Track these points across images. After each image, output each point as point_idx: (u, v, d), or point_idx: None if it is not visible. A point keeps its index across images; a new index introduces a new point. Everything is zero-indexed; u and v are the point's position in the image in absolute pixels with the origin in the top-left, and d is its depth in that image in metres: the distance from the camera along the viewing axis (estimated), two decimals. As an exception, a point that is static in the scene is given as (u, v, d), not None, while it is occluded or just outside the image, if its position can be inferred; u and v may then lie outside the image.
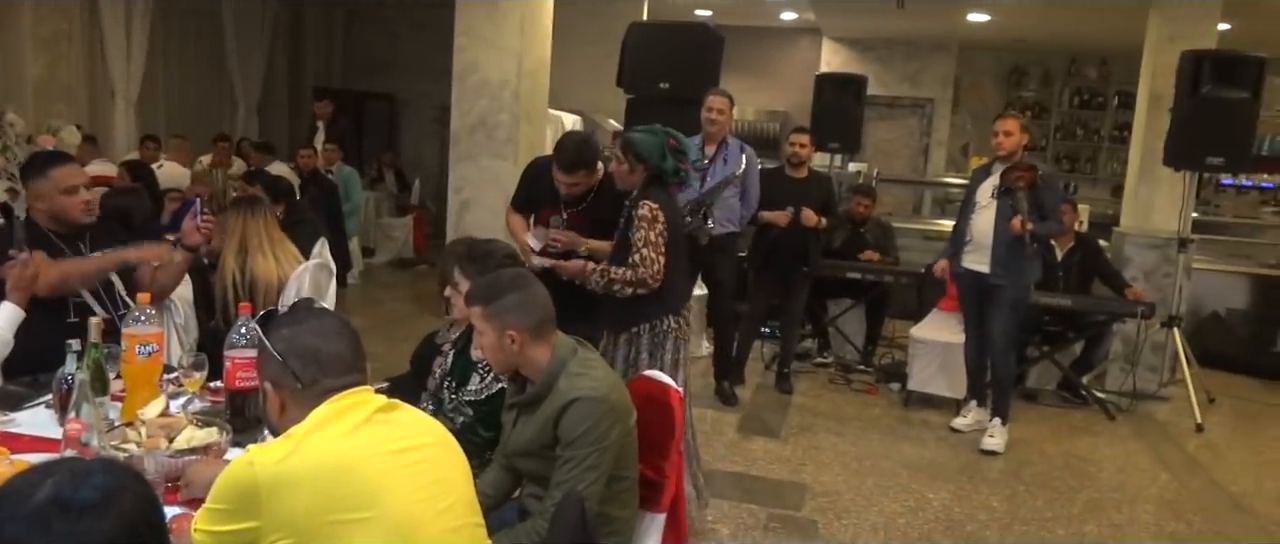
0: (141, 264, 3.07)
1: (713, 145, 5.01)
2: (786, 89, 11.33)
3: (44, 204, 2.92)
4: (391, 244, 9.67)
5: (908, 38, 10.75)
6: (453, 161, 6.42)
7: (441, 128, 10.23)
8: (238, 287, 3.69)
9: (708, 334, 6.22)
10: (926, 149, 11.22)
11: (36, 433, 2.26)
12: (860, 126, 7.18)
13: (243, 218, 3.79)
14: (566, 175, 3.60)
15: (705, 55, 5.66)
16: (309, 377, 1.67)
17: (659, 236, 3.32)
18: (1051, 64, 11.29)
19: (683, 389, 2.80)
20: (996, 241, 4.70)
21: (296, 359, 1.67)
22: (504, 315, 2.19)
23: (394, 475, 1.59)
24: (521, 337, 2.18)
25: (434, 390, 2.74)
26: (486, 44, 6.25)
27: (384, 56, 11.72)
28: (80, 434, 1.91)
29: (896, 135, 11.31)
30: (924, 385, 5.55)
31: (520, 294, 2.22)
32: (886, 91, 10.86)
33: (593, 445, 2.11)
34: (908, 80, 11.08)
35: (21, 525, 0.95)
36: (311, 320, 1.73)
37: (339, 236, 6.68)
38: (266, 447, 1.58)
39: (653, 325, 3.41)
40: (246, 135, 9.95)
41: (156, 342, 2.38)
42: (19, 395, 2.48)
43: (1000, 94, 11.37)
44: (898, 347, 6.49)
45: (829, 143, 7.22)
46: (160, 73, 9.28)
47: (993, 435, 4.88)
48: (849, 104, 7.04)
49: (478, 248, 2.75)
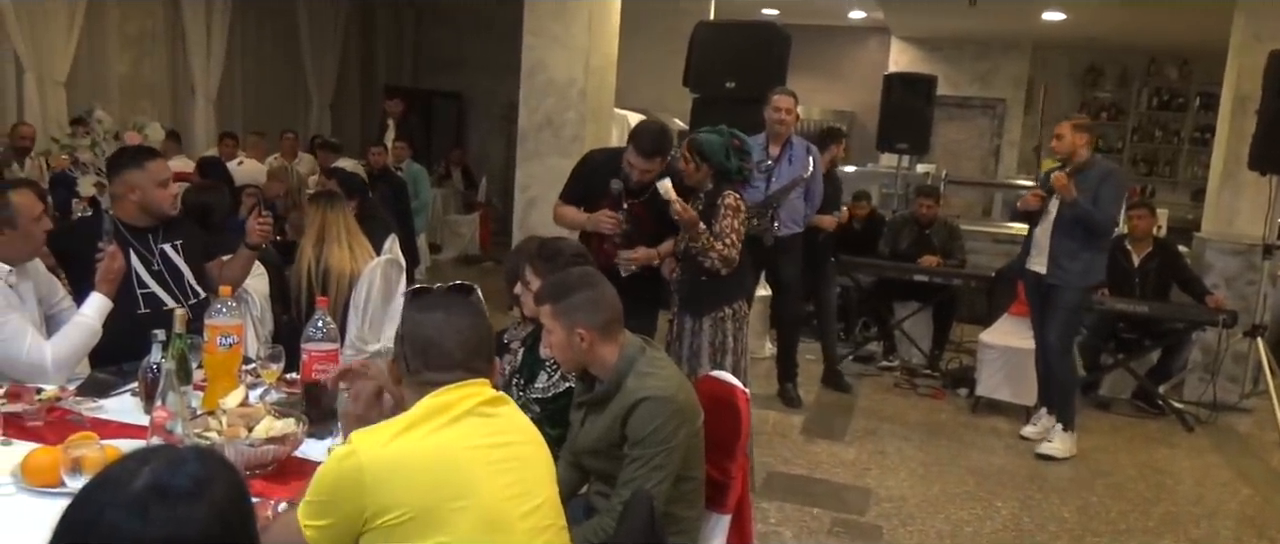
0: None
1: (778, 145, 4.98)
2: (854, 89, 11.21)
3: (136, 196, 2.99)
4: (458, 241, 9.80)
5: (979, 37, 10.56)
6: (519, 159, 6.48)
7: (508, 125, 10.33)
8: (313, 276, 3.78)
9: (771, 335, 6.19)
10: (997, 150, 11.00)
11: (124, 419, 2.34)
12: (929, 127, 7.08)
13: (323, 210, 3.90)
14: (645, 160, 3.59)
15: (772, 54, 5.63)
16: (415, 366, 1.72)
17: (742, 225, 3.57)
18: (1129, 63, 10.98)
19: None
20: (1053, 240, 4.64)
21: (410, 346, 1.72)
22: (573, 314, 2.20)
23: (486, 469, 1.62)
24: (590, 335, 2.19)
25: (502, 388, 2.77)
26: (554, 42, 6.30)
27: (452, 55, 11.87)
28: (166, 422, 1.98)
29: (966, 136, 11.11)
30: (992, 391, 5.45)
31: (589, 292, 2.23)
32: (956, 91, 10.68)
33: (660, 445, 2.11)
34: (979, 80, 10.88)
35: (121, 512, 0.98)
36: (437, 312, 1.74)
37: (407, 233, 6.79)
38: (368, 432, 1.61)
39: (735, 310, 3.64)
40: (319, 132, 10.17)
41: (237, 333, 2.44)
42: (107, 383, 2.57)
43: (1075, 94, 11.11)
44: (966, 351, 6.38)
45: (897, 144, 7.14)
46: (238, 71, 9.55)
47: (1051, 440, 4.79)
48: (918, 104, 6.94)
49: (548, 246, 2.77)
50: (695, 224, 3.52)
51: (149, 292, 3.00)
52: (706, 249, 3.53)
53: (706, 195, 3.64)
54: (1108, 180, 4.57)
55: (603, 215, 3.67)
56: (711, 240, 3.53)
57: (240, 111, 9.65)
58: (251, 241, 3.22)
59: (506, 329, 3.04)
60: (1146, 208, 5.81)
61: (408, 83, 11.83)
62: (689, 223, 3.52)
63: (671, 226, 3.65)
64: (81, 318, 2.67)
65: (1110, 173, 4.62)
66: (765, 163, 4.84)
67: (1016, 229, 7.80)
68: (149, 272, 3.02)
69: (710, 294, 3.63)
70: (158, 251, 3.05)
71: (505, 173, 10.72)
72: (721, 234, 3.53)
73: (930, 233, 6.30)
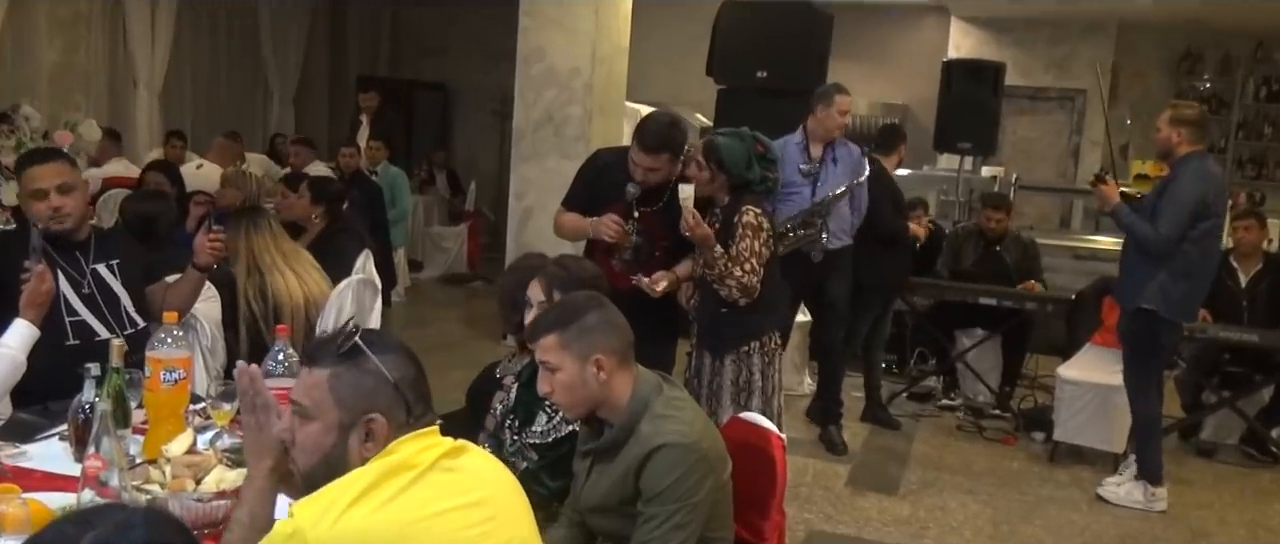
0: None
1: (820, 145, 4.97)
2: (906, 78, 11.20)
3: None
4: (442, 257, 9.84)
5: (1055, 17, 10.55)
6: (515, 162, 6.52)
7: (502, 122, 10.38)
8: (259, 316, 3.77)
9: (811, 369, 6.17)
10: (1077, 150, 10.97)
11: (50, 469, 2.33)
12: (996, 123, 7.08)
13: (245, 233, 3.87)
14: (649, 156, 3.56)
15: (811, 39, 5.66)
16: (420, 409, 1.71)
17: (763, 247, 3.49)
18: (1232, 48, 10.93)
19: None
20: (1122, 254, 4.67)
21: (411, 388, 1.71)
22: (588, 337, 2.16)
23: (464, 534, 1.60)
24: (609, 363, 2.16)
25: (493, 430, 2.77)
26: (556, 26, 6.34)
27: (437, 40, 11.95)
28: (100, 472, 1.97)
29: (1040, 134, 11.09)
30: (1074, 435, 5.41)
31: (602, 313, 2.21)
32: (1028, 81, 10.66)
33: (680, 501, 2.10)
34: (1054, 68, 10.85)
35: None
36: (390, 340, 1.77)
37: (383, 248, 6.82)
38: (311, 504, 1.56)
39: (763, 343, 3.59)
40: (280, 130, 10.23)
41: (184, 367, 2.44)
42: (31, 425, 2.57)
43: (1169, 84, 11.06)
44: (1041, 388, 6.34)
45: (959, 143, 7.13)
46: (187, 59, 9.63)
47: (1120, 485, 4.82)
48: (983, 96, 6.94)
49: (564, 261, 2.79)
50: (709, 241, 3.46)
51: (79, 319, 3.00)
52: (723, 275, 3.47)
53: (722, 210, 3.59)
54: (1176, 182, 4.50)
55: (607, 219, 3.63)
56: (729, 264, 3.47)
57: (189, 107, 9.72)
58: (201, 262, 3.20)
59: (499, 362, 3.04)
60: (1254, 218, 5.77)
61: (384, 72, 11.91)
62: (701, 239, 3.46)
63: (689, 245, 3.63)
64: (2, 349, 2.67)
65: (1181, 174, 4.50)
66: (809, 165, 4.84)
67: (1101, 242, 7.78)
68: (79, 296, 3.02)
69: (732, 327, 3.58)
70: (89, 273, 3.06)
71: (498, 177, 10.75)
72: (740, 257, 3.47)
73: (1001, 249, 6.26)
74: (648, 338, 2.46)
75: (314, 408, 1.69)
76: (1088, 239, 8.13)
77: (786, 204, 4.79)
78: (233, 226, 3.90)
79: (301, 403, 1.71)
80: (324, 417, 1.69)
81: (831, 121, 4.93)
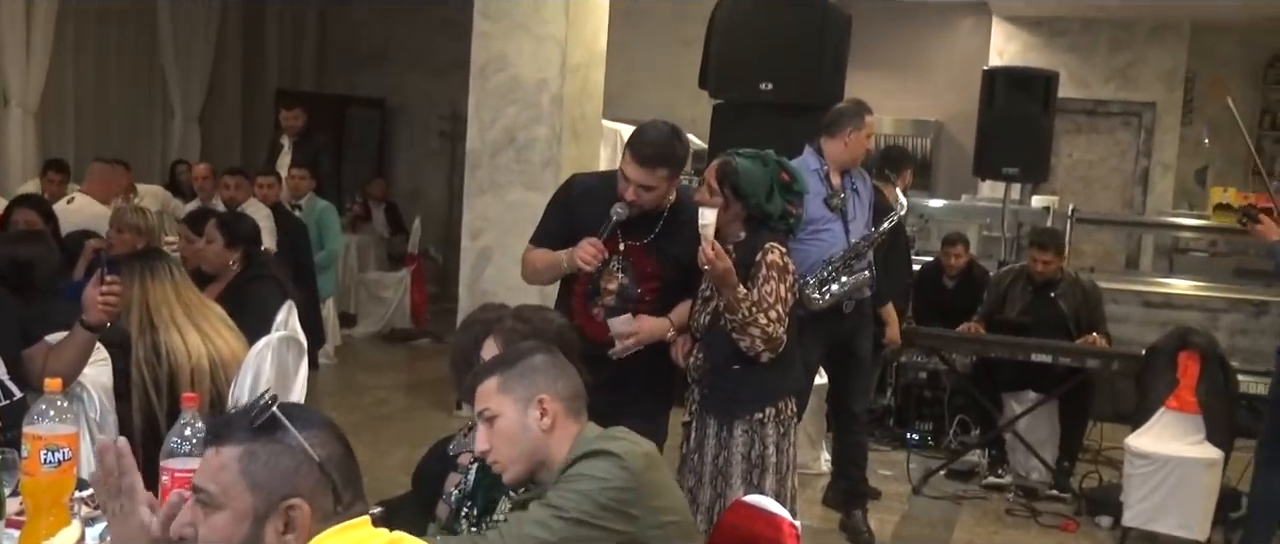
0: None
1: (839, 173, 4.99)
2: (940, 90, 11.28)
3: None
4: (380, 309, 9.81)
5: (1116, 17, 10.66)
6: (468, 193, 6.53)
7: (452, 145, 10.42)
8: (153, 381, 3.76)
9: (827, 440, 6.16)
10: (1145, 174, 11.05)
11: (-94, 572, 2.34)
12: (1048, 143, 7.11)
13: (141, 281, 3.85)
14: (644, 171, 3.52)
15: (825, 43, 5.67)
16: (349, 496, 1.72)
17: (789, 293, 3.53)
18: (1327, 52, 11.09)
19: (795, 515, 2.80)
20: None
21: (338, 469, 1.72)
22: (532, 377, 2.27)
23: None
24: (554, 407, 2.26)
25: (447, 520, 2.77)
26: (518, 29, 6.36)
27: (373, 46, 12.01)
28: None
29: (1101, 156, 11.17)
30: (1148, 520, 5.41)
31: (549, 357, 2.32)
32: (1086, 93, 10.77)
33: (575, 492, 2.15)
34: (1116, 77, 10.96)
35: None
36: (312, 414, 1.78)
37: (309, 298, 6.81)
38: None
39: (779, 410, 3.59)
40: (184, 156, 10.21)
41: (70, 445, 2.44)
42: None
43: (1254, 96, 11.18)
44: (1107, 463, 6.36)
45: (1004, 167, 7.16)
46: (70, 73, 9.61)
47: None
48: (1032, 111, 6.99)
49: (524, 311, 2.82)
50: (731, 279, 3.41)
51: None
52: (746, 323, 3.43)
53: (738, 247, 3.58)
54: None
55: (585, 244, 3.53)
56: (754, 310, 3.45)
57: (71, 127, 9.69)
58: (92, 319, 3.20)
59: (452, 438, 3.05)
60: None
61: (310, 85, 11.96)
62: (721, 275, 3.40)
63: (684, 287, 3.65)
64: None
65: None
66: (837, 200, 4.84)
67: (1176, 286, 7.83)
68: None
69: (745, 387, 3.58)
70: None
71: (448, 212, 10.78)
72: (764, 303, 3.46)
73: (1057, 295, 6.28)
74: (631, 406, 2.50)
75: (221, 494, 1.68)
76: (1160, 282, 8.16)
77: (813, 243, 4.73)
78: (128, 274, 3.89)
79: (206, 489, 1.70)
80: (234, 504, 1.68)
81: (861, 148, 4.95)
